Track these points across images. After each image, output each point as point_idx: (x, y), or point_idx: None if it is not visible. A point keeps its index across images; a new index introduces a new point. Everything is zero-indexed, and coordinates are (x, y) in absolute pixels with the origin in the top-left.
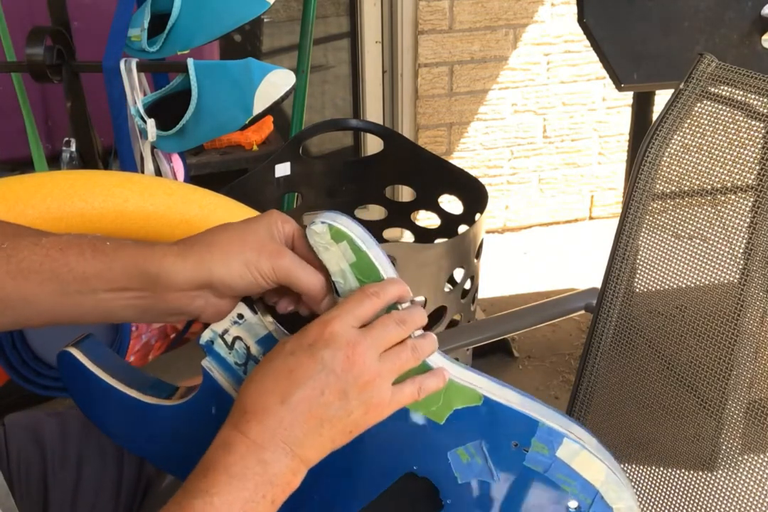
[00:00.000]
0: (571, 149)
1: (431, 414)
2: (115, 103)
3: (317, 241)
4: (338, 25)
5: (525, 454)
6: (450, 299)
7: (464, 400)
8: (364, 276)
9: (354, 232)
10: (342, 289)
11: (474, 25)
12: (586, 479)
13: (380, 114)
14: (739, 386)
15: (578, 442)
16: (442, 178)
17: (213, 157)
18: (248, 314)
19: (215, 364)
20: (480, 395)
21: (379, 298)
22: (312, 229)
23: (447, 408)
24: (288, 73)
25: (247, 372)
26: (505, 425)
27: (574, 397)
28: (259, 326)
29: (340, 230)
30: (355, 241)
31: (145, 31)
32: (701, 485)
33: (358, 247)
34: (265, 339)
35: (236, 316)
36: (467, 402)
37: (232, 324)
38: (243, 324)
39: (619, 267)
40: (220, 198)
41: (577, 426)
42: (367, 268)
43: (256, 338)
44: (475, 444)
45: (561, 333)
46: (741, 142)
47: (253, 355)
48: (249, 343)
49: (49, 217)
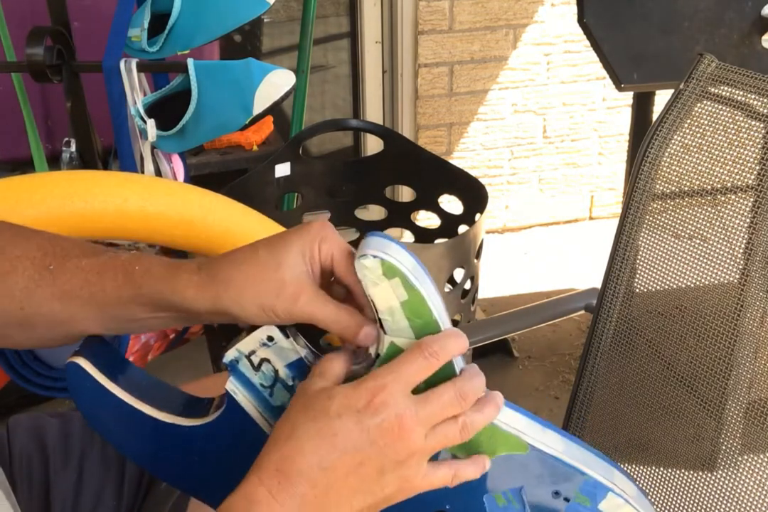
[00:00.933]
0: (571, 149)
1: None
2: (115, 103)
3: (366, 275)
4: (338, 25)
5: (566, 504)
6: (450, 299)
7: (509, 448)
8: (414, 315)
9: (406, 266)
10: (389, 328)
11: (474, 25)
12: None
13: (380, 114)
14: (739, 386)
15: (622, 496)
16: (442, 178)
17: (213, 157)
18: (279, 337)
19: (239, 385)
20: (526, 445)
21: (438, 360)
22: (362, 262)
23: (490, 454)
24: (288, 73)
25: (273, 395)
26: (549, 475)
27: (574, 397)
28: (290, 350)
29: (393, 266)
30: (409, 278)
31: (145, 31)
32: (701, 485)
33: (411, 285)
34: (296, 364)
35: (266, 338)
36: (512, 450)
37: (261, 345)
38: (272, 346)
39: (619, 267)
40: (220, 198)
41: (618, 471)
42: (418, 308)
43: (286, 362)
44: (514, 490)
45: (561, 333)
46: (741, 142)
47: (281, 378)
48: (278, 366)
49: (49, 217)
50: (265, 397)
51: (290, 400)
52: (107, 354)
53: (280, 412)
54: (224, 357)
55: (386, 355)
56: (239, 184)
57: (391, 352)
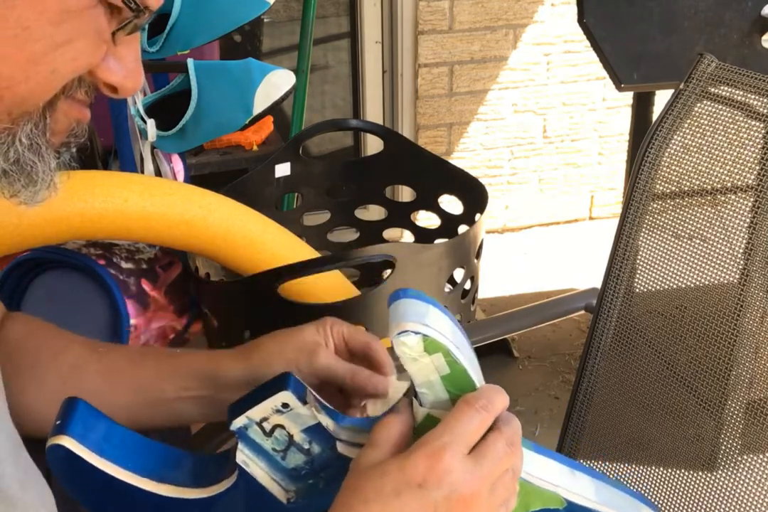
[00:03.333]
0: (571, 149)
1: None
2: (115, 103)
3: (405, 352)
4: (338, 25)
5: None
6: (450, 299)
7: (543, 503)
8: (455, 388)
9: (448, 337)
10: (427, 400)
11: (474, 25)
12: None
13: (380, 114)
14: (739, 386)
15: None
16: (442, 178)
17: (213, 157)
18: (295, 403)
19: (250, 452)
20: (562, 499)
21: (489, 414)
22: (401, 340)
23: (522, 509)
24: (288, 73)
25: (286, 458)
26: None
27: (574, 397)
28: (307, 416)
29: (436, 342)
30: (452, 352)
31: (145, 31)
32: (701, 485)
33: (454, 359)
34: (314, 429)
35: (280, 405)
36: (546, 505)
37: (274, 412)
38: (287, 413)
39: (619, 267)
40: (220, 198)
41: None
42: (460, 381)
43: (302, 427)
44: None
45: (561, 333)
46: (741, 142)
47: (296, 442)
48: (293, 431)
49: (49, 217)
50: (277, 461)
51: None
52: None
53: (294, 474)
54: (231, 424)
55: (421, 426)
56: (239, 184)
57: (427, 423)
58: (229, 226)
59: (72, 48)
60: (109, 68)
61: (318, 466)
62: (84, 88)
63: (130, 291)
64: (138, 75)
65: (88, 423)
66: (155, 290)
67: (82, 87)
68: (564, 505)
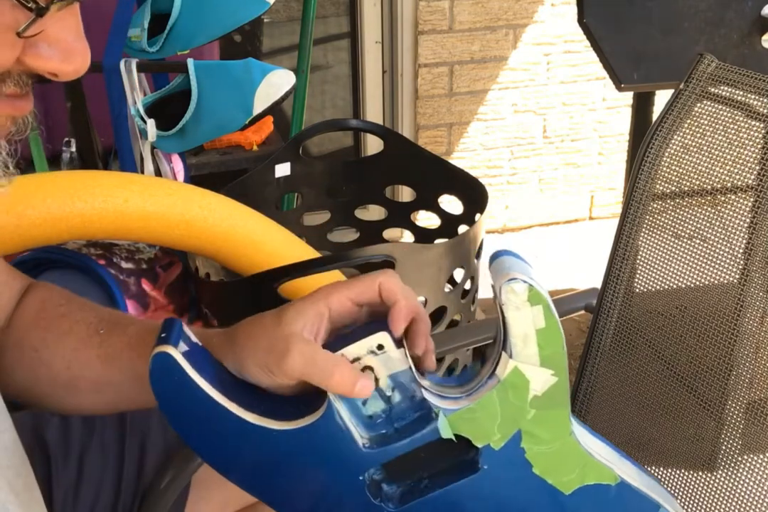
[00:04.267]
0: (571, 149)
1: (560, 484)
2: (115, 103)
3: (511, 299)
4: (338, 25)
5: None
6: (450, 299)
7: (598, 477)
8: (546, 344)
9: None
10: (517, 352)
11: (474, 25)
12: None
13: (380, 114)
14: (739, 386)
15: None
16: (442, 178)
17: (213, 157)
18: (390, 346)
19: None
20: (616, 476)
21: None
22: (511, 286)
23: (578, 481)
24: (288, 74)
25: (366, 404)
26: (629, 506)
27: (574, 397)
28: (398, 360)
29: (539, 294)
30: (551, 307)
31: (145, 31)
32: (701, 485)
33: (552, 314)
34: (400, 375)
35: (376, 347)
36: (601, 480)
37: (368, 353)
38: (380, 355)
39: (619, 267)
40: (220, 198)
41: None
42: (553, 337)
43: (390, 371)
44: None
45: None
46: (741, 142)
47: (380, 388)
48: (380, 375)
49: (49, 217)
50: (357, 405)
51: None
52: (192, 344)
53: (369, 423)
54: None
55: (508, 380)
56: (239, 184)
57: (515, 377)
58: (229, 226)
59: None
60: (39, 55)
61: (394, 416)
62: (12, 82)
63: (130, 291)
64: (79, 54)
65: (189, 343)
66: (155, 290)
67: (8, 82)
68: (617, 481)
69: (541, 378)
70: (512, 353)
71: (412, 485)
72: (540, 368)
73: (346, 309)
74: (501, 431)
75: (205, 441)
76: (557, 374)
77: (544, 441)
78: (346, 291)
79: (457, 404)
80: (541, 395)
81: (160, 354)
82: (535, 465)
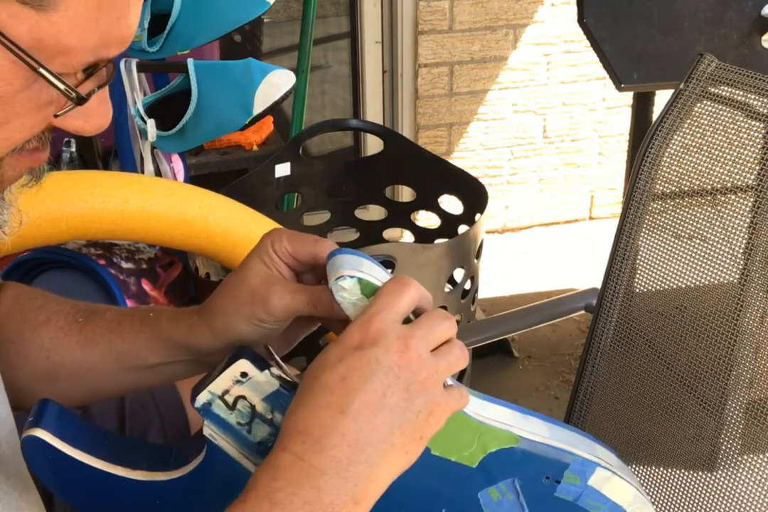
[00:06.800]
0: (571, 149)
1: (463, 459)
2: (115, 103)
3: (345, 297)
4: (338, 25)
5: (557, 486)
6: (450, 299)
7: (499, 443)
8: None
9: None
10: None
11: (474, 25)
12: (615, 501)
13: (380, 114)
14: (739, 386)
15: (610, 469)
16: (442, 178)
17: (213, 157)
18: (253, 371)
19: (216, 428)
20: (516, 437)
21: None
22: (339, 284)
23: (481, 452)
24: (288, 74)
25: (252, 431)
26: (539, 461)
27: (574, 397)
28: (266, 383)
29: (371, 283)
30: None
31: (145, 31)
32: (701, 485)
33: None
34: (274, 396)
35: (239, 375)
36: (502, 444)
37: (234, 383)
38: (247, 382)
39: (619, 267)
40: (220, 198)
41: (600, 446)
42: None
43: (263, 395)
44: (507, 482)
45: (561, 333)
46: (741, 142)
47: (259, 413)
48: (254, 402)
49: (49, 217)
50: (243, 435)
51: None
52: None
53: (261, 448)
54: (195, 401)
55: None
56: (239, 184)
57: None
58: (229, 226)
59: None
60: (66, 118)
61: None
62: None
63: (130, 291)
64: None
65: (60, 419)
66: (155, 290)
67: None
68: (518, 442)
69: None
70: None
71: None
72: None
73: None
74: None
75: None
76: None
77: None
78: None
79: None
80: None
81: (29, 437)
82: (433, 448)
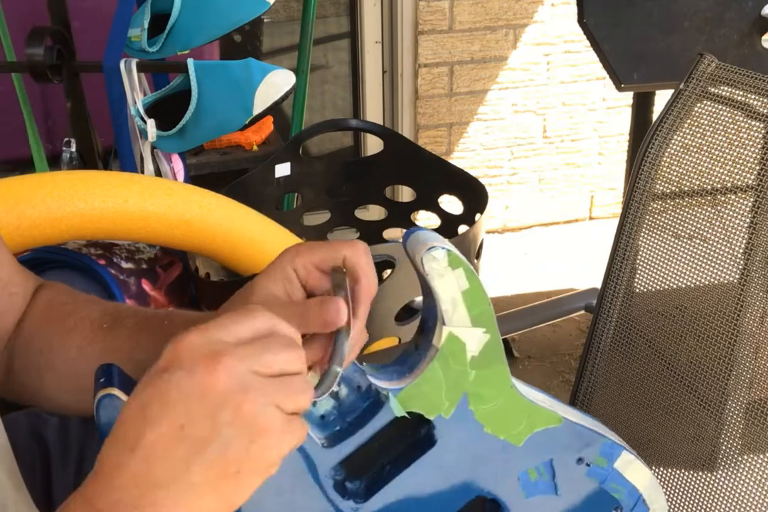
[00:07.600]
0: (571, 149)
1: (511, 437)
2: (115, 103)
3: (433, 267)
4: (338, 25)
5: (587, 468)
6: None
7: (545, 422)
8: (473, 304)
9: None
10: (449, 318)
11: (474, 25)
12: (634, 485)
13: (380, 114)
14: (739, 386)
15: (632, 453)
16: (442, 178)
17: (213, 157)
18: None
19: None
20: (560, 417)
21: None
22: (431, 254)
23: (528, 431)
24: (288, 73)
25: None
26: (577, 443)
27: (574, 397)
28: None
29: (458, 257)
30: (471, 267)
31: (145, 31)
32: (701, 485)
33: (473, 274)
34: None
35: None
36: (548, 424)
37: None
38: None
39: (619, 267)
40: (220, 198)
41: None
42: (478, 296)
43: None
44: (545, 463)
45: (561, 333)
46: (741, 142)
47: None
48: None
49: (49, 217)
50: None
51: None
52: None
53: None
54: None
55: (446, 347)
56: (239, 184)
57: (451, 343)
58: (229, 226)
59: None
60: None
61: (345, 410)
62: None
63: (130, 291)
64: None
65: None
66: (155, 290)
67: None
68: (561, 422)
69: (476, 338)
70: (444, 320)
71: (375, 474)
72: (472, 328)
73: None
74: (449, 398)
75: None
76: (489, 331)
77: (489, 399)
78: (309, 256)
79: (403, 382)
80: (478, 355)
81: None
82: (486, 425)
